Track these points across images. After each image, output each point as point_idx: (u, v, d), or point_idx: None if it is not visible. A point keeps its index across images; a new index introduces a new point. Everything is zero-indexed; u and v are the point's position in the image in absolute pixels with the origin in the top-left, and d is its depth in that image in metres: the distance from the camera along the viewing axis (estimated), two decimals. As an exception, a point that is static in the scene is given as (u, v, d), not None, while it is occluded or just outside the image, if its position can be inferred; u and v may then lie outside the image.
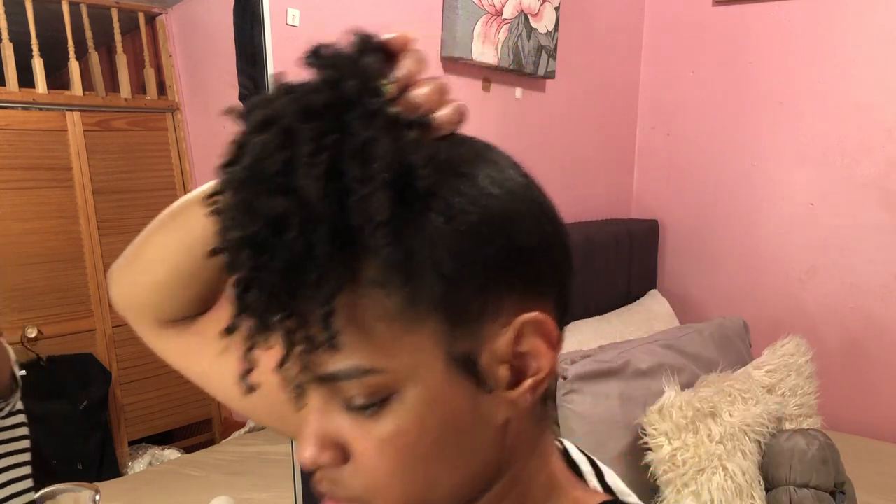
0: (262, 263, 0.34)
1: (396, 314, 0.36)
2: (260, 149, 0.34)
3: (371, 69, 0.36)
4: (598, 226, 2.22)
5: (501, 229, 0.38)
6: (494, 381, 0.39)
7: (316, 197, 0.33)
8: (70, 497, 0.72)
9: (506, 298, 0.38)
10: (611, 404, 1.52)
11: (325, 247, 0.33)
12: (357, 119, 0.34)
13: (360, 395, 0.37)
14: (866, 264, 2.22)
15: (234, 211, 0.34)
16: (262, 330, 0.35)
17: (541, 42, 2.04)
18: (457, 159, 0.38)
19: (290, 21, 1.47)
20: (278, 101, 0.35)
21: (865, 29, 2.16)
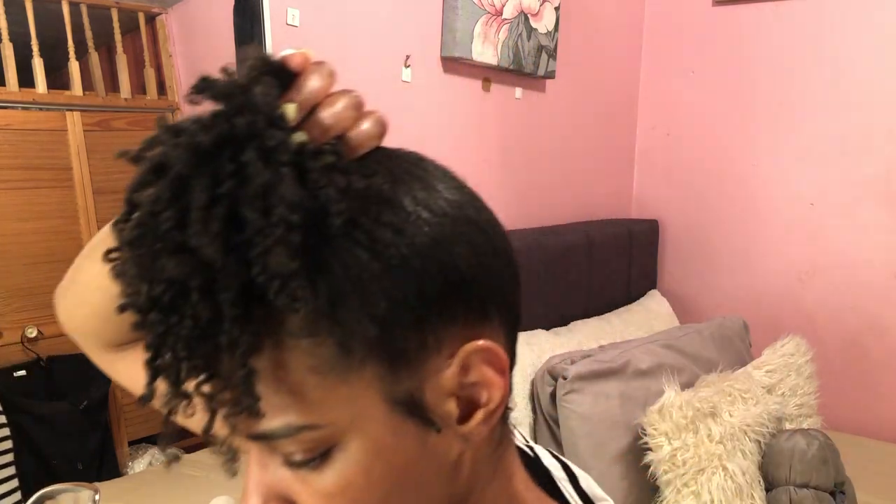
0: (170, 327, 0.30)
1: (328, 365, 0.33)
2: (151, 202, 0.30)
3: (263, 97, 0.31)
4: (598, 226, 2.22)
5: (435, 258, 0.34)
6: (443, 418, 0.36)
7: (214, 256, 0.29)
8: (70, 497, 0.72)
9: (447, 329, 0.35)
10: (611, 404, 1.52)
11: (232, 310, 0.30)
12: (254, 159, 0.30)
13: (298, 450, 0.35)
14: (866, 264, 2.22)
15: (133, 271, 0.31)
16: (179, 396, 0.32)
17: (541, 42, 2.04)
18: (378, 184, 0.34)
19: (290, 21, 1.47)
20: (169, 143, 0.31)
21: (865, 29, 2.16)
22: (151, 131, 0.32)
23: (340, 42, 1.57)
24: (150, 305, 0.30)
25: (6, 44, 1.64)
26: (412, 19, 1.73)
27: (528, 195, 2.16)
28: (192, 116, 0.32)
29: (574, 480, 0.53)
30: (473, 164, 1.94)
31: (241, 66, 0.33)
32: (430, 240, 0.34)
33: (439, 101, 1.83)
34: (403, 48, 1.71)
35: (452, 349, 0.36)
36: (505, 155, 2.05)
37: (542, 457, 0.53)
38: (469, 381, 0.37)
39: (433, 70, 1.81)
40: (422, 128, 1.78)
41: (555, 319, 1.94)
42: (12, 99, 1.66)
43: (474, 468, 0.40)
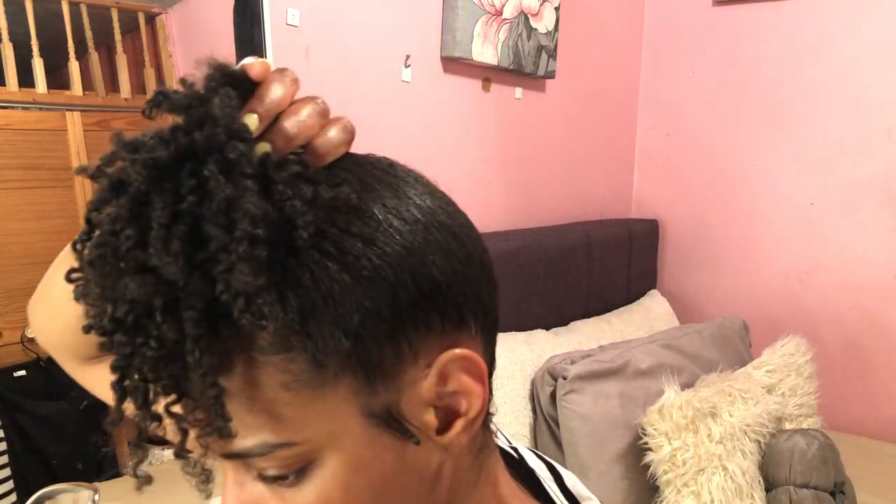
0: (136, 348, 0.30)
1: (302, 380, 0.32)
2: (111, 221, 0.29)
3: (222, 109, 0.30)
4: (598, 226, 2.22)
5: (407, 268, 0.34)
6: (421, 429, 0.36)
7: (176, 275, 0.28)
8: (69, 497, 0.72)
9: (423, 339, 0.35)
10: (611, 404, 1.52)
11: (195, 329, 0.29)
12: (215, 173, 0.29)
13: (274, 468, 0.34)
14: (866, 264, 2.22)
15: (95, 293, 0.30)
16: (148, 418, 0.31)
17: (541, 42, 2.04)
18: (343, 194, 0.33)
19: (290, 21, 1.47)
20: (127, 160, 0.30)
21: (865, 29, 2.16)
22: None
23: (340, 42, 1.57)
24: (114, 327, 0.30)
25: (6, 44, 1.64)
26: (412, 19, 1.73)
27: (528, 195, 2.16)
28: (150, 131, 0.31)
29: (559, 480, 0.53)
30: (473, 164, 1.94)
31: (202, 76, 0.32)
32: (401, 248, 0.34)
33: (439, 101, 1.83)
34: (403, 48, 1.71)
35: (429, 359, 0.35)
36: (505, 155, 2.05)
37: (526, 458, 0.53)
38: (447, 391, 0.36)
39: (433, 70, 1.81)
40: (422, 128, 1.78)
41: (555, 319, 1.94)
42: (12, 99, 1.66)
43: (456, 477, 0.39)
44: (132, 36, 1.87)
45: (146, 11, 1.86)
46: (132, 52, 1.87)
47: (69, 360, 0.54)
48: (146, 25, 1.86)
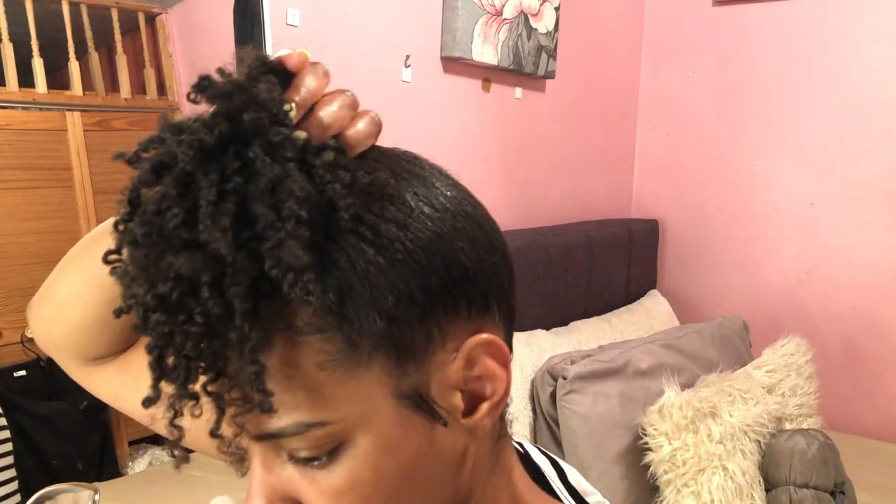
0: (177, 326, 0.30)
1: (337, 360, 0.33)
2: (157, 200, 0.30)
3: (268, 95, 0.32)
4: (598, 226, 2.22)
5: (438, 253, 0.35)
6: (449, 411, 0.37)
7: (225, 250, 0.29)
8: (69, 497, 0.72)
9: (452, 323, 0.36)
10: (611, 404, 1.52)
11: (244, 304, 0.30)
12: (260, 154, 0.30)
13: (306, 448, 0.34)
14: (866, 264, 2.22)
15: (137, 271, 0.31)
16: (186, 396, 0.32)
17: (541, 42, 2.04)
18: (380, 180, 0.35)
19: (290, 21, 1.47)
20: (170, 142, 0.31)
21: (865, 29, 2.16)
22: (152, 131, 0.32)
23: (340, 42, 1.57)
24: (156, 304, 0.30)
25: (6, 44, 1.64)
26: (412, 19, 1.73)
27: (529, 195, 2.16)
28: (191, 116, 0.32)
29: (563, 476, 0.53)
30: (473, 163, 1.94)
31: (239, 66, 0.33)
32: (433, 234, 0.35)
33: (439, 101, 1.83)
34: (403, 48, 1.71)
35: (457, 343, 0.36)
36: (505, 155, 2.05)
37: (531, 453, 0.54)
38: (473, 375, 0.37)
39: (433, 70, 1.81)
40: (422, 128, 1.78)
41: (555, 319, 1.94)
42: (12, 99, 1.66)
43: (477, 463, 0.40)
44: (132, 36, 1.87)
45: (146, 11, 1.86)
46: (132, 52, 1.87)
47: (73, 361, 0.54)
48: (146, 25, 1.86)
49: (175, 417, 0.33)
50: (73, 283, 0.50)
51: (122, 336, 0.52)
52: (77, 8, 1.75)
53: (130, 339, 0.53)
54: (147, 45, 1.86)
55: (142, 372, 0.52)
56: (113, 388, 0.54)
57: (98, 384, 0.54)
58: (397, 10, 1.70)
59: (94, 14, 1.79)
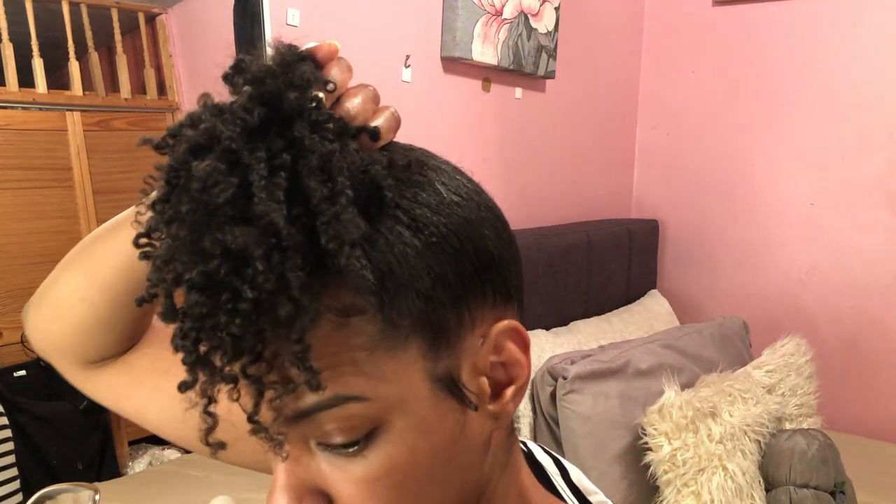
0: (219, 305, 0.29)
1: (377, 340, 0.33)
2: (204, 177, 0.29)
3: (309, 77, 0.33)
4: (598, 226, 2.22)
5: (469, 238, 0.36)
6: (478, 395, 0.37)
7: (282, 222, 0.29)
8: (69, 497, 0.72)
9: (480, 309, 0.37)
10: (611, 404, 1.52)
11: (299, 277, 0.29)
12: (306, 133, 0.31)
13: (342, 430, 0.34)
14: (866, 264, 2.22)
15: (177, 252, 0.30)
16: (222, 381, 0.31)
17: (541, 42, 2.04)
18: (417, 163, 0.36)
19: (290, 21, 1.47)
20: (209, 123, 0.31)
21: (865, 29, 2.16)
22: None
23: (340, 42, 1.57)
24: (202, 282, 0.29)
25: (6, 44, 1.64)
26: (412, 19, 1.73)
27: (528, 195, 2.16)
28: (223, 101, 0.32)
29: (565, 474, 0.53)
30: (473, 163, 1.93)
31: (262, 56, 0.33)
32: (463, 220, 0.36)
33: (439, 101, 1.83)
34: (403, 48, 1.71)
35: (484, 329, 0.37)
36: (505, 155, 2.05)
37: (535, 452, 0.54)
38: (499, 361, 0.38)
39: (433, 70, 1.81)
40: (422, 128, 1.78)
41: (555, 319, 1.94)
42: (12, 99, 1.66)
43: (495, 453, 0.41)
44: (132, 36, 1.87)
45: (146, 11, 1.86)
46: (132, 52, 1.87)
47: (72, 364, 0.53)
48: (146, 25, 1.86)
49: (209, 404, 0.32)
50: (75, 284, 0.49)
51: (124, 337, 0.52)
52: (77, 8, 1.75)
53: (131, 339, 0.53)
54: (147, 45, 1.86)
55: (143, 373, 0.52)
56: (114, 390, 0.53)
57: (97, 387, 0.54)
58: (397, 10, 1.70)
59: (94, 14, 1.79)
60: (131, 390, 0.53)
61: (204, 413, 0.33)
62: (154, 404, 0.52)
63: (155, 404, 0.52)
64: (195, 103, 0.33)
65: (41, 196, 1.70)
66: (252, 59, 0.33)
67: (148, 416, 0.53)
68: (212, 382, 0.31)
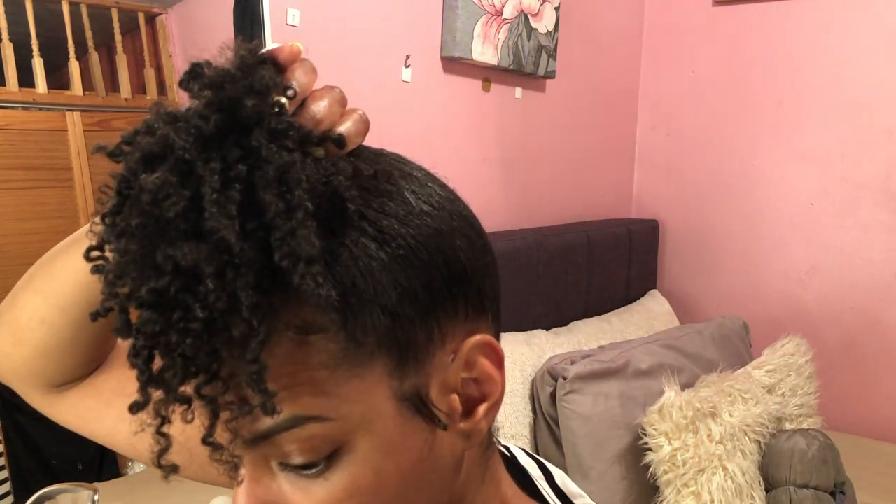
0: (171, 324, 0.28)
1: (339, 359, 0.32)
2: (156, 188, 0.28)
3: (267, 82, 0.31)
4: (598, 226, 2.22)
5: (439, 250, 0.34)
6: (448, 414, 0.36)
7: (233, 238, 0.28)
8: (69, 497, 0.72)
9: (451, 323, 0.35)
10: (611, 404, 1.52)
11: (251, 296, 0.28)
12: (265, 143, 0.29)
13: (302, 452, 0.33)
14: (866, 264, 2.22)
15: (129, 265, 0.29)
16: (175, 401, 0.30)
17: (541, 42, 2.04)
18: (384, 172, 0.34)
19: (290, 21, 1.47)
20: (162, 132, 0.29)
21: (865, 29, 2.16)
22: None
23: (340, 42, 1.57)
24: (151, 300, 0.28)
25: (6, 44, 1.64)
26: (412, 19, 1.73)
27: (528, 195, 2.16)
28: (181, 106, 0.31)
29: (550, 479, 0.52)
30: (473, 163, 1.94)
31: (233, 57, 0.32)
32: (433, 231, 0.34)
33: (439, 101, 1.83)
34: (403, 48, 1.71)
35: (455, 344, 0.36)
36: (505, 155, 2.05)
37: (517, 456, 0.53)
38: (471, 377, 0.37)
39: (433, 70, 1.81)
40: (422, 128, 1.78)
41: (555, 319, 1.94)
42: (12, 99, 1.66)
43: (469, 469, 0.39)
44: (132, 36, 1.87)
45: (146, 11, 1.86)
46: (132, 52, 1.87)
47: (34, 389, 0.51)
48: (146, 25, 1.86)
49: (162, 424, 0.31)
50: (34, 306, 0.47)
51: (88, 359, 0.50)
52: (77, 8, 1.75)
53: (96, 361, 0.51)
54: (147, 45, 1.86)
55: (112, 394, 0.50)
56: (80, 414, 0.52)
57: (62, 411, 0.52)
58: (397, 10, 1.69)
59: (94, 14, 1.79)
60: (99, 413, 0.51)
61: (157, 434, 0.31)
62: (124, 425, 0.50)
63: (125, 425, 0.50)
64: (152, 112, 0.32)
65: (41, 196, 1.70)
66: (209, 64, 0.31)
67: (118, 437, 0.52)
68: (165, 402, 0.30)
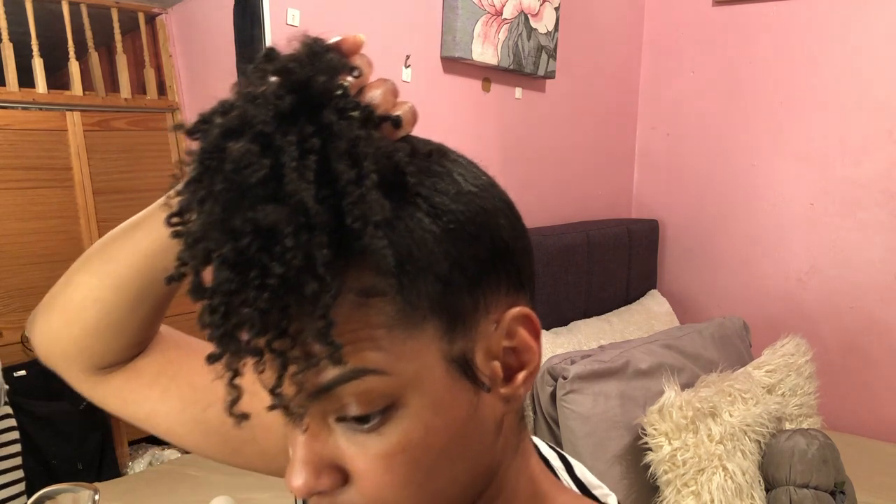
0: (247, 282, 0.31)
1: (396, 320, 0.35)
2: (237, 158, 0.31)
3: (335, 65, 0.34)
4: (598, 226, 2.22)
5: (485, 226, 0.37)
6: (490, 378, 0.39)
7: (311, 201, 0.31)
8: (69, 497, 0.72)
9: (494, 295, 0.38)
10: (611, 404, 1.52)
11: (325, 254, 0.31)
12: (334, 118, 0.32)
13: (360, 404, 0.35)
14: (866, 264, 2.22)
15: (211, 228, 0.31)
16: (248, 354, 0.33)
17: (541, 42, 2.04)
18: (438, 152, 0.38)
19: (290, 21, 1.47)
20: (241, 108, 0.33)
21: (865, 29, 2.16)
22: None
23: (340, 42, 1.57)
24: (233, 258, 0.31)
25: (6, 44, 1.64)
26: (412, 19, 1.73)
27: (528, 195, 2.16)
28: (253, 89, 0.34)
29: (570, 469, 0.54)
30: (473, 164, 1.94)
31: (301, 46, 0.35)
32: (480, 209, 0.37)
33: (439, 101, 1.83)
34: (403, 48, 1.71)
35: (497, 315, 0.39)
36: (505, 155, 2.05)
37: (540, 446, 0.55)
38: (511, 346, 0.40)
39: (433, 70, 1.81)
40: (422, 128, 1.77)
41: (555, 319, 1.94)
42: (12, 99, 1.66)
43: (506, 437, 0.42)
44: (132, 36, 1.87)
45: (146, 11, 1.86)
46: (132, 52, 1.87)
47: (81, 371, 0.53)
48: (146, 25, 1.86)
49: (234, 377, 0.34)
50: (89, 286, 0.50)
51: (134, 341, 0.52)
52: (77, 8, 1.75)
53: (140, 345, 0.54)
54: (147, 45, 1.86)
55: (153, 377, 0.54)
56: (122, 396, 0.54)
57: (105, 394, 0.54)
58: (397, 10, 1.70)
59: (94, 14, 1.79)
60: (141, 395, 0.54)
61: (229, 385, 0.34)
62: (164, 408, 0.53)
63: (165, 408, 0.53)
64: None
65: (41, 196, 1.70)
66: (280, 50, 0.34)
67: (157, 419, 0.54)
68: (238, 356, 0.33)
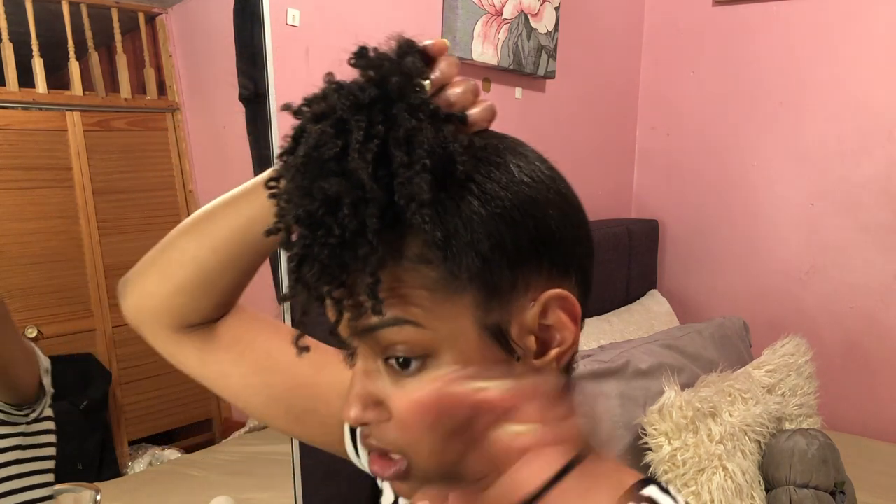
0: (316, 239, 0.38)
1: (438, 285, 0.41)
2: (316, 137, 0.38)
3: (412, 68, 0.40)
4: (598, 226, 2.22)
5: (530, 215, 0.42)
6: (523, 349, 0.44)
7: (366, 179, 0.37)
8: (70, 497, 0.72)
9: (534, 276, 0.43)
10: (611, 404, 1.52)
11: (374, 223, 0.37)
12: (401, 111, 0.38)
13: (402, 346, 0.41)
14: (866, 264, 2.22)
15: (292, 193, 0.39)
16: (313, 299, 0.40)
17: (541, 42, 2.04)
18: (490, 150, 0.43)
19: (290, 21, 1.47)
20: (331, 98, 0.39)
21: (865, 29, 2.16)
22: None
23: (340, 42, 1.57)
24: (305, 219, 0.38)
25: (6, 44, 1.64)
26: (412, 19, 1.73)
27: (528, 195, 2.16)
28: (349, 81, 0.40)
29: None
30: (473, 164, 1.94)
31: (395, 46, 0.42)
32: (528, 199, 0.42)
33: (439, 101, 1.83)
34: (403, 48, 1.71)
35: (535, 294, 0.43)
36: (505, 155, 2.05)
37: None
38: (547, 323, 0.44)
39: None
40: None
41: (555, 319, 1.94)
42: (12, 99, 1.66)
43: (545, 403, 0.46)
44: (132, 36, 1.87)
45: (146, 11, 1.86)
46: (132, 52, 1.86)
47: (167, 328, 0.59)
48: (146, 25, 1.86)
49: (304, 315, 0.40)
50: (189, 246, 0.57)
51: (220, 302, 0.59)
52: (77, 8, 1.75)
53: (224, 308, 0.60)
54: (147, 45, 1.86)
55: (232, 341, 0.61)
56: (200, 355, 0.60)
57: (185, 352, 0.60)
58: (397, 10, 1.70)
59: (94, 14, 1.79)
60: (218, 356, 0.60)
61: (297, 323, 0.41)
62: (237, 370, 0.60)
63: (238, 370, 0.60)
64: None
65: (41, 196, 1.70)
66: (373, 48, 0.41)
67: (229, 380, 0.61)
68: (307, 299, 0.40)
